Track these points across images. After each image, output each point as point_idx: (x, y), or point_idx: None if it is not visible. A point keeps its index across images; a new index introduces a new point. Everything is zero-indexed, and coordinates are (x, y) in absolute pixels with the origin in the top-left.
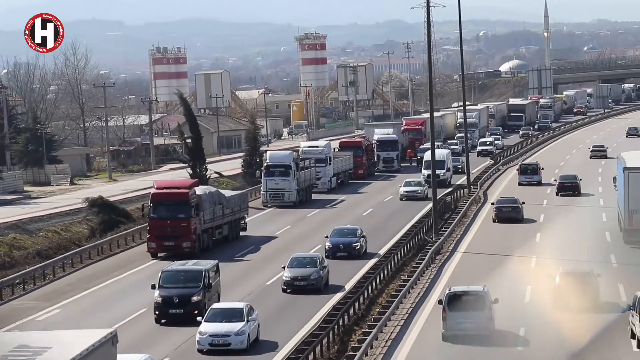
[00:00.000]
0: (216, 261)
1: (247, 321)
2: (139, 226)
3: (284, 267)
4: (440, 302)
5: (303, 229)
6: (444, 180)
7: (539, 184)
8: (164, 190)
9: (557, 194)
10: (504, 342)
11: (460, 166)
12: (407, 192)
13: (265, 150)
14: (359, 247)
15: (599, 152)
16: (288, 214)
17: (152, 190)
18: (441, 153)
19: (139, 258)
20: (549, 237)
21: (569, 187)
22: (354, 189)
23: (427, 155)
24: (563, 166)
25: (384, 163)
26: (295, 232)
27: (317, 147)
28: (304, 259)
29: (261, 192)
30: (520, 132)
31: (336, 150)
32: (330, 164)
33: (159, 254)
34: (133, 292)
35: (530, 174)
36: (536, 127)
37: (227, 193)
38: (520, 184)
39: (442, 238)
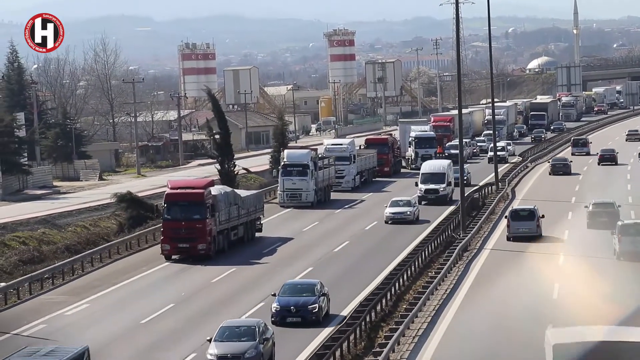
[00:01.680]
0: (85, 346)
1: None
2: None
3: (209, 340)
4: (506, 216)
5: (320, 230)
6: (444, 196)
7: (588, 154)
8: (179, 191)
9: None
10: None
11: (465, 177)
12: (393, 214)
13: (283, 149)
14: (316, 309)
15: (634, 135)
16: (305, 215)
17: (166, 190)
18: (441, 164)
19: None
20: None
21: (608, 158)
22: (378, 188)
23: (425, 167)
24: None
25: (422, 160)
26: (312, 234)
27: (341, 144)
28: (237, 329)
29: (278, 192)
30: (533, 135)
31: (362, 147)
32: (354, 162)
33: (173, 256)
34: (160, 288)
35: (581, 147)
36: (551, 128)
37: (243, 193)
38: (572, 154)
39: (470, 235)
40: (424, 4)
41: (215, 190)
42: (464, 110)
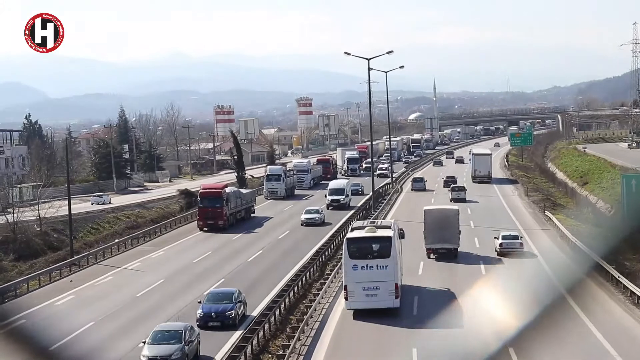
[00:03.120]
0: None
1: None
2: None
3: (143, 342)
4: (411, 181)
5: (290, 212)
6: (344, 204)
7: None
8: (208, 190)
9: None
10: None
11: (360, 189)
12: (306, 219)
13: (267, 165)
14: (233, 315)
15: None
16: (280, 204)
17: (200, 190)
18: (342, 183)
19: None
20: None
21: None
22: (323, 187)
23: (331, 185)
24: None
25: (350, 171)
26: (284, 214)
27: (303, 162)
28: (167, 333)
29: (264, 190)
30: (403, 160)
31: (314, 163)
32: (310, 172)
33: (204, 229)
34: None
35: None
36: (414, 155)
37: (244, 191)
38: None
39: (378, 211)
40: (351, 82)
41: (228, 189)
42: (373, 142)
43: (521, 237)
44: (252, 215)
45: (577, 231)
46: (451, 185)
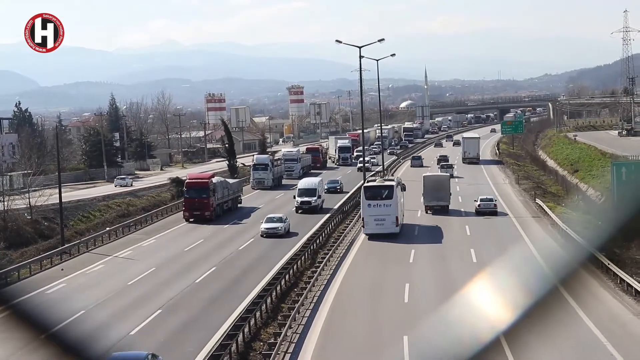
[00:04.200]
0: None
1: None
2: None
3: None
4: (410, 159)
5: (277, 203)
6: (315, 206)
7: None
8: (194, 180)
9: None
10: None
11: (339, 187)
12: (267, 229)
13: (253, 154)
14: None
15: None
16: (268, 194)
17: (186, 180)
18: (313, 181)
19: None
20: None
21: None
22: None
23: (301, 184)
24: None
25: (342, 160)
26: (271, 205)
27: (292, 151)
28: None
29: (250, 180)
30: (388, 151)
31: (303, 152)
32: (299, 162)
33: (190, 219)
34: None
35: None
36: (399, 146)
37: (231, 181)
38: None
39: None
40: (343, 70)
41: (215, 179)
42: (365, 130)
43: (495, 200)
44: (239, 205)
45: (568, 219)
46: (441, 163)
